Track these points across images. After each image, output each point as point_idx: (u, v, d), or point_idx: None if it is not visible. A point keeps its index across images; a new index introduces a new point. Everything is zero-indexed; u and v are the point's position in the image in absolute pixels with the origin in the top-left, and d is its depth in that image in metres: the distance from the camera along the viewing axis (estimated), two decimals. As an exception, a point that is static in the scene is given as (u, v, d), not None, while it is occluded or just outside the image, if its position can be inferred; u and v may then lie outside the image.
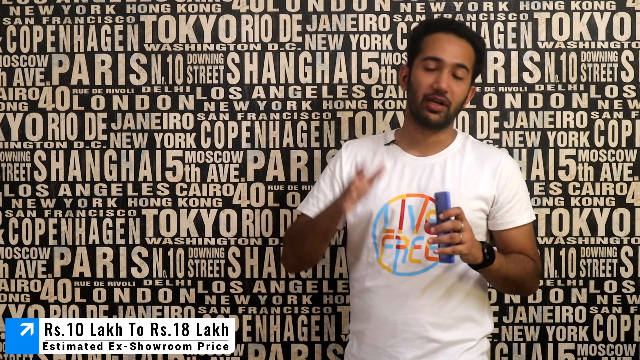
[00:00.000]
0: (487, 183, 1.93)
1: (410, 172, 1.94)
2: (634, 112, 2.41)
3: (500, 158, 1.95)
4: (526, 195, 1.99)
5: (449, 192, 1.76)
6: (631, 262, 2.41)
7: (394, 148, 2.00)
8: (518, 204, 1.94)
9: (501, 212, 1.94)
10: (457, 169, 1.94)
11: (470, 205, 1.90)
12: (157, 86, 2.46)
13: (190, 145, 2.45)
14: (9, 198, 2.48)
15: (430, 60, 1.90)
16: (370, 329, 1.96)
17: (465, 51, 1.91)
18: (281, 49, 2.44)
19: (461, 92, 1.92)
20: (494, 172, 1.94)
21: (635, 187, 2.41)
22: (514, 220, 1.94)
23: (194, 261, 2.46)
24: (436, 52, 1.90)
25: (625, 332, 2.42)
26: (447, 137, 1.98)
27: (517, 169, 1.99)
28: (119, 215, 2.47)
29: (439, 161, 1.95)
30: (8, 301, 2.48)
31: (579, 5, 2.41)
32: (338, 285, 2.44)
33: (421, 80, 1.90)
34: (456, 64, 1.89)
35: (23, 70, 2.47)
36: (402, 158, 1.97)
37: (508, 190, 1.93)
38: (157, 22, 2.46)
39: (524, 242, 1.95)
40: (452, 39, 1.91)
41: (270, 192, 2.45)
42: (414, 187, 1.93)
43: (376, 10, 2.43)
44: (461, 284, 1.92)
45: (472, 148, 1.98)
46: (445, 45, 1.90)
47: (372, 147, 2.03)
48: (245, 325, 2.46)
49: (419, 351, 1.90)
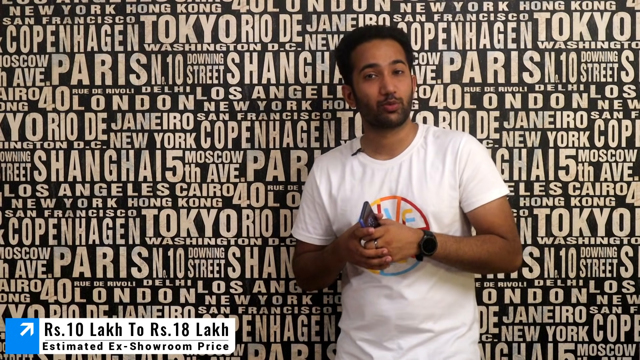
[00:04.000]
0: (450, 169, 1.97)
1: (381, 177, 2.00)
2: (634, 112, 2.41)
3: (458, 141, 1.98)
4: (491, 172, 1.99)
5: (366, 202, 1.83)
6: (631, 262, 2.41)
7: (361, 156, 2.06)
8: (481, 182, 1.96)
9: (466, 193, 1.97)
10: (422, 163, 1.98)
11: (440, 195, 1.95)
12: (157, 86, 2.46)
13: (190, 145, 2.45)
14: (9, 198, 2.48)
15: (367, 69, 1.96)
16: (365, 325, 2.01)
17: (394, 48, 1.98)
18: (281, 49, 2.44)
19: (406, 86, 1.97)
20: (454, 156, 1.97)
21: (635, 187, 2.41)
22: (478, 200, 1.96)
23: (194, 261, 2.46)
24: (369, 59, 1.97)
25: (625, 332, 2.42)
26: (408, 134, 2.03)
27: (476, 148, 2.00)
28: (119, 215, 2.47)
29: (405, 160, 2.00)
30: (8, 301, 2.48)
31: (579, 5, 2.41)
32: (338, 285, 2.44)
33: (368, 91, 1.97)
34: (392, 61, 1.96)
35: (23, 70, 2.47)
36: (370, 164, 2.03)
37: (469, 171, 1.96)
38: (157, 22, 2.46)
39: (492, 220, 1.96)
40: (377, 43, 1.98)
41: (270, 192, 2.45)
42: (386, 191, 1.98)
43: (376, 10, 2.43)
44: (448, 273, 1.98)
45: (434, 139, 2.02)
46: (374, 51, 1.97)
47: (341, 158, 2.10)
48: (245, 325, 2.46)
49: (414, 341, 1.96)
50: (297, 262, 2.17)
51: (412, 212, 1.95)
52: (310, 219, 2.12)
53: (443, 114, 2.40)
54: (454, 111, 2.42)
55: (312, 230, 2.12)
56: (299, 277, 2.20)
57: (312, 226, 2.12)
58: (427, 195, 1.95)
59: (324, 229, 2.11)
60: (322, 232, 2.12)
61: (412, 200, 1.95)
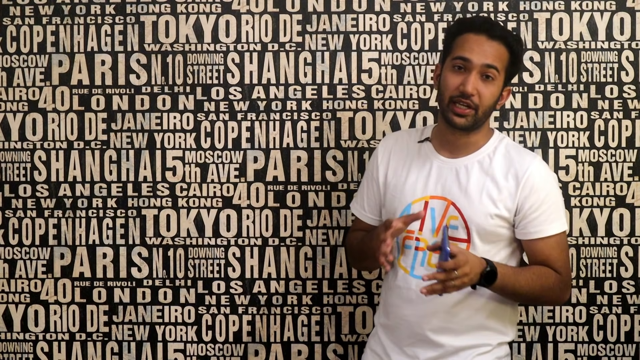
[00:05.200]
0: (510, 191, 1.86)
1: (437, 174, 1.92)
2: (634, 112, 2.41)
3: (528, 165, 1.87)
4: (556, 205, 1.90)
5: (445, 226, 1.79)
6: (631, 262, 2.41)
7: (426, 146, 1.98)
8: (544, 214, 1.86)
9: (524, 222, 1.87)
10: (484, 174, 1.89)
11: (490, 213, 1.86)
12: (157, 86, 2.46)
13: (190, 145, 2.45)
14: (9, 198, 2.48)
15: (458, 60, 1.86)
16: (390, 325, 1.97)
17: (496, 52, 1.86)
18: (281, 49, 2.44)
19: (490, 94, 1.86)
20: (519, 180, 1.86)
21: (635, 187, 2.41)
22: (538, 231, 1.87)
23: (194, 261, 2.46)
24: (465, 52, 1.85)
25: (625, 332, 2.42)
26: (479, 139, 1.92)
27: (546, 176, 1.90)
28: (119, 215, 2.47)
29: (467, 164, 1.91)
30: (8, 301, 2.48)
31: (579, 5, 2.41)
32: (338, 285, 2.44)
33: (449, 81, 1.87)
34: (485, 64, 1.84)
35: (23, 70, 2.47)
36: (432, 158, 1.95)
37: (532, 201, 1.86)
38: (157, 22, 2.46)
39: (549, 254, 1.88)
40: (482, 40, 1.85)
41: (270, 192, 2.45)
42: (439, 190, 1.90)
43: (376, 10, 2.43)
44: (479, 294, 1.88)
45: (504, 152, 1.91)
46: (474, 46, 1.85)
47: (408, 142, 2.01)
48: (245, 325, 2.46)
49: (432, 353, 1.90)
50: (348, 237, 2.13)
51: (458, 220, 1.87)
52: (367, 197, 2.05)
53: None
54: (454, 111, 2.41)
55: (367, 208, 2.05)
56: (348, 254, 2.18)
57: (368, 204, 2.05)
58: (477, 209, 1.85)
59: (378, 210, 2.04)
60: (376, 212, 2.04)
61: (460, 209, 1.87)
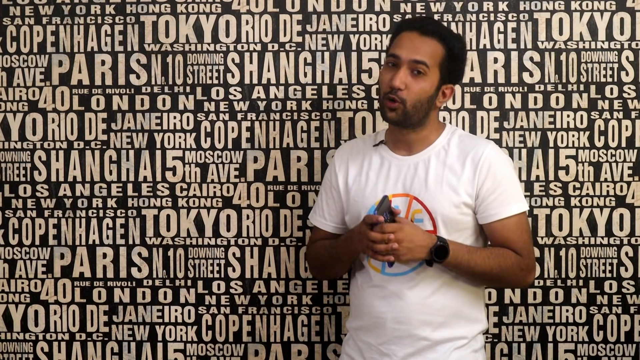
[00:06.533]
0: (468, 177, 1.91)
1: (396, 172, 1.97)
2: (634, 112, 2.41)
3: (483, 150, 1.92)
4: (513, 187, 1.94)
5: (385, 196, 1.84)
6: (631, 262, 2.41)
7: (382, 148, 2.03)
8: (501, 196, 1.91)
9: (484, 206, 1.92)
10: (441, 165, 1.94)
11: (452, 201, 1.91)
12: (157, 86, 2.46)
13: (190, 145, 2.45)
14: (9, 198, 2.48)
15: (390, 57, 1.94)
16: (364, 326, 1.98)
17: (428, 48, 1.90)
18: (281, 49, 2.44)
19: (420, 89, 1.89)
20: (476, 165, 1.91)
21: (635, 187, 2.41)
22: (496, 214, 1.91)
23: (194, 261, 2.46)
24: (396, 49, 1.93)
25: (625, 332, 2.42)
26: (429, 134, 1.97)
27: (501, 159, 1.95)
28: (119, 215, 2.47)
29: (424, 159, 1.96)
30: (8, 301, 2.48)
31: (579, 5, 2.41)
32: (338, 285, 2.44)
33: (381, 77, 1.95)
34: (413, 60, 1.89)
35: (23, 70, 2.47)
36: (389, 159, 1.99)
37: (489, 183, 1.91)
38: (157, 22, 2.46)
39: (508, 235, 1.92)
40: (413, 36, 1.92)
41: (270, 192, 2.45)
42: (400, 187, 1.95)
43: (376, 10, 2.43)
44: (452, 281, 1.93)
45: (458, 142, 1.96)
46: (405, 42, 1.92)
47: (363, 148, 2.06)
48: (245, 325, 2.46)
49: (409, 349, 1.92)
50: (311, 248, 2.15)
51: (422, 212, 1.91)
52: (327, 205, 2.09)
53: (443, 114, 2.40)
54: (454, 111, 2.42)
55: (327, 217, 2.09)
56: (312, 264, 2.19)
57: (329, 213, 2.09)
58: (439, 199, 1.90)
59: (340, 218, 2.08)
60: (338, 221, 2.08)
61: (423, 201, 1.91)
